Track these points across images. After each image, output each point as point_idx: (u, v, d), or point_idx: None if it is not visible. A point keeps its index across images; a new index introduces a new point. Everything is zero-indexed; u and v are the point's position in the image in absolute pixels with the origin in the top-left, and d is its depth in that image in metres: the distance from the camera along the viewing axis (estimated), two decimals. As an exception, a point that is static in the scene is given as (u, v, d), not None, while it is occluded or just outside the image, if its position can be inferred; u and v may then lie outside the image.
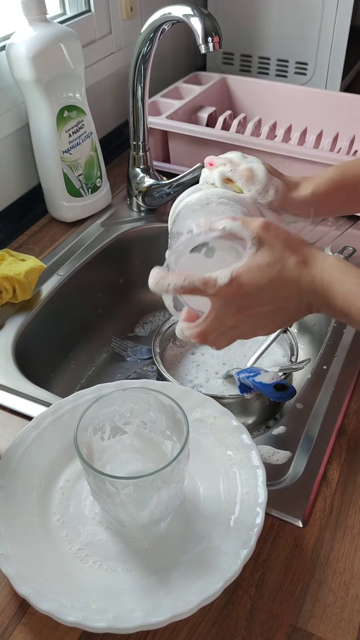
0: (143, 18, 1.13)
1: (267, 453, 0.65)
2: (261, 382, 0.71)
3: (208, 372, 0.84)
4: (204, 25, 0.77)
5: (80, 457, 0.49)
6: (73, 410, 0.63)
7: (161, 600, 0.49)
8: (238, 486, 0.57)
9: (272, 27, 1.33)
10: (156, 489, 0.49)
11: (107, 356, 0.97)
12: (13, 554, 0.52)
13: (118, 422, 0.56)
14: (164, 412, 0.54)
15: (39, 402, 0.70)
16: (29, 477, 0.58)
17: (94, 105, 0.99)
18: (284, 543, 0.57)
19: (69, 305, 0.92)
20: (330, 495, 0.61)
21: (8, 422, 0.69)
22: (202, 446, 0.60)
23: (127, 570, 0.52)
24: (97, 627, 0.47)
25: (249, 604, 0.52)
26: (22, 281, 0.82)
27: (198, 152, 1.08)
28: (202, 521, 0.55)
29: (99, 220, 1.02)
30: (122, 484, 0.48)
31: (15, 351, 0.78)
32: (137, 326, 1.02)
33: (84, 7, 1.07)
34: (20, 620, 0.52)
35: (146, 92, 0.93)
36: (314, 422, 0.68)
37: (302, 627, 0.51)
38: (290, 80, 1.36)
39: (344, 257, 0.87)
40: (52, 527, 0.55)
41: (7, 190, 0.99)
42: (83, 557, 0.53)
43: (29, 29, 0.86)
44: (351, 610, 0.52)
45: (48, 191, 1.00)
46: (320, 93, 1.22)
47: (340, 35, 1.27)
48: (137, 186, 1.00)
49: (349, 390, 0.71)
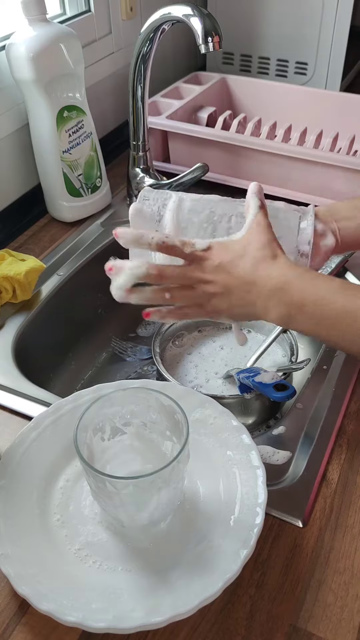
0: (143, 18, 1.14)
1: (267, 453, 0.65)
2: (261, 382, 0.71)
3: (208, 372, 0.84)
4: (204, 25, 0.77)
5: (80, 457, 0.49)
6: (73, 411, 0.63)
7: (161, 600, 0.49)
8: (238, 486, 0.57)
9: (272, 27, 1.33)
10: (156, 489, 0.49)
11: (107, 356, 0.97)
12: (13, 554, 0.52)
13: (118, 423, 0.56)
14: (164, 412, 0.54)
15: (39, 402, 0.70)
16: (29, 477, 0.58)
17: (94, 105, 0.99)
18: (284, 543, 0.57)
19: (69, 306, 0.92)
20: (330, 495, 0.61)
21: (8, 422, 0.69)
22: (202, 446, 0.60)
23: (127, 570, 0.52)
24: (97, 627, 0.47)
25: (249, 604, 0.52)
26: (22, 281, 0.82)
27: (198, 152, 1.08)
28: (202, 521, 0.55)
29: (99, 220, 1.02)
30: (122, 484, 0.48)
31: (15, 351, 0.78)
32: (139, 326, 1.01)
33: (84, 7, 1.07)
34: (20, 620, 0.52)
35: (146, 92, 0.93)
36: (314, 422, 0.68)
37: (302, 627, 0.51)
38: (290, 80, 1.36)
39: (344, 257, 0.87)
40: (52, 527, 0.55)
41: (7, 190, 0.99)
42: (83, 557, 0.53)
43: (29, 29, 0.86)
44: (351, 610, 0.52)
45: (48, 191, 1.00)
46: (320, 93, 1.22)
47: (340, 35, 1.27)
48: (137, 186, 1.00)
49: (348, 390, 0.71)
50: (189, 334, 0.90)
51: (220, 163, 1.07)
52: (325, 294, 0.57)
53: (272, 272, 0.58)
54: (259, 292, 0.58)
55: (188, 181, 0.93)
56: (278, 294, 0.58)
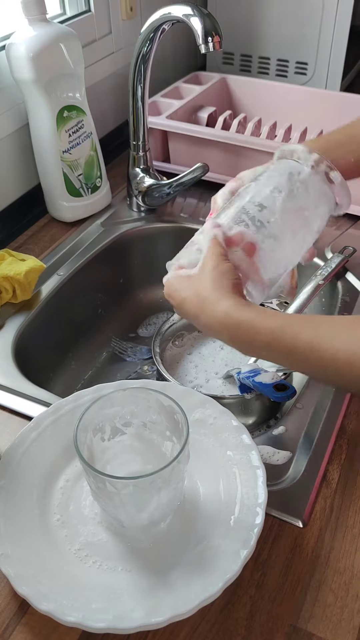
0: (143, 18, 1.13)
1: (267, 453, 0.65)
2: (261, 382, 0.71)
3: (208, 372, 0.84)
4: (204, 25, 0.77)
5: (81, 457, 0.49)
6: (73, 411, 0.63)
7: (161, 600, 0.49)
8: (238, 486, 0.57)
9: (272, 27, 1.33)
10: (156, 490, 0.49)
11: (107, 356, 0.97)
12: (13, 554, 0.52)
13: (118, 423, 0.56)
14: (163, 412, 0.54)
15: (39, 402, 0.70)
16: (29, 477, 0.58)
17: (94, 105, 0.99)
18: (284, 543, 0.57)
19: (69, 305, 0.92)
20: (330, 495, 0.61)
21: (8, 422, 0.69)
22: (202, 446, 0.60)
23: (127, 570, 0.52)
24: (97, 627, 0.47)
25: (249, 604, 0.52)
26: (22, 281, 0.82)
27: (198, 152, 1.08)
28: (202, 521, 0.55)
29: (99, 220, 1.02)
30: (122, 484, 0.48)
31: (15, 351, 0.78)
32: (140, 327, 1.02)
33: (84, 7, 1.07)
34: (20, 620, 0.52)
35: (146, 92, 0.93)
36: (314, 422, 0.68)
37: (302, 627, 0.51)
38: (290, 80, 1.36)
39: (344, 257, 0.87)
40: (52, 527, 0.55)
41: (7, 190, 0.99)
42: (83, 557, 0.53)
43: (29, 29, 0.86)
44: (351, 610, 0.52)
45: (48, 191, 1.00)
46: (320, 93, 1.22)
47: (340, 35, 1.27)
48: (137, 186, 1.00)
49: (349, 390, 0.71)
50: (189, 334, 0.90)
51: (220, 163, 1.07)
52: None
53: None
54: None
55: (188, 181, 0.93)
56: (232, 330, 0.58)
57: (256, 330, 0.54)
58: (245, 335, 0.55)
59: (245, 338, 0.56)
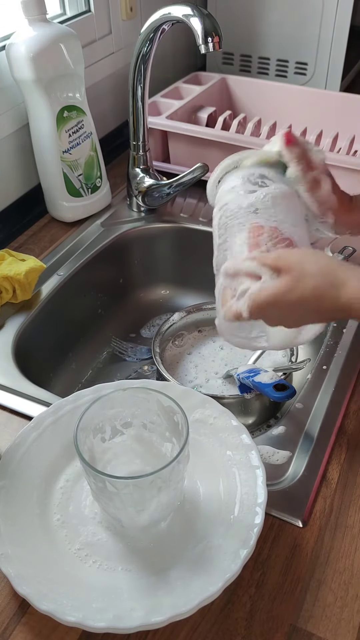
0: (143, 18, 1.14)
1: (267, 453, 0.65)
2: (261, 382, 0.71)
3: (208, 372, 0.84)
4: (203, 25, 0.77)
5: (81, 457, 0.49)
6: (73, 411, 0.63)
7: (161, 600, 0.49)
8: (238, 486, 0.57)
9: (272, 27, 1.33)
10: (156, 490, 0.49)
11: (107, 356, 0.97)
12: (13, 554, 0.52)
13: (118, 424, 0.56)
14: (163, 412, 0.54)
15: (39, 402, 0.70)
16: (29, 477, 0.58)
17: (94, 105, 0.99)
18: (283, 543, 0.57)
19: (69, 305, 0.92)
20: (330, 495, 0.61)
21: (8, 422, 0.69)
22: (202, 446, 0.60)
23: (127, 570, 0.52)
24: (97, 627, 0.47)
25: (248, 604, 0.52)
26: (22, 281, 0.82)
27: (198, 152, 1.08)
28: (202, 521, 0.55)
29: (99, 220, 1.02)
30: (122, 484, 0.48)
31: (15, 351, 0.78)
32: (139, 327, 1.01)
33: (84, 7, 1.07)
34: (20, 620, 0.52)
35: (146, 92, 0.93)
36: (314, 422, 0.68)
37: (302, 627, 0.51)
38: (290, 80, 1.36)
39: (344, 257, 0.87)
40: (52, 527, 0.55)
41: (7, 190, 0.99)
42: (83, 557, 0.53)
43: (29, 29, 0.86)
44: (351, 610, 0.52)
45: (48, 191, 1.00)
46: (320, 93, 1.22)
47: (340, 35, 1.27)
48: (137, 186, 1.00)
49: (349, 390, 0.71)
50: (189, 334, 0.90)
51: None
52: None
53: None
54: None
55: (188, 181, 0.93)
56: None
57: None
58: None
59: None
